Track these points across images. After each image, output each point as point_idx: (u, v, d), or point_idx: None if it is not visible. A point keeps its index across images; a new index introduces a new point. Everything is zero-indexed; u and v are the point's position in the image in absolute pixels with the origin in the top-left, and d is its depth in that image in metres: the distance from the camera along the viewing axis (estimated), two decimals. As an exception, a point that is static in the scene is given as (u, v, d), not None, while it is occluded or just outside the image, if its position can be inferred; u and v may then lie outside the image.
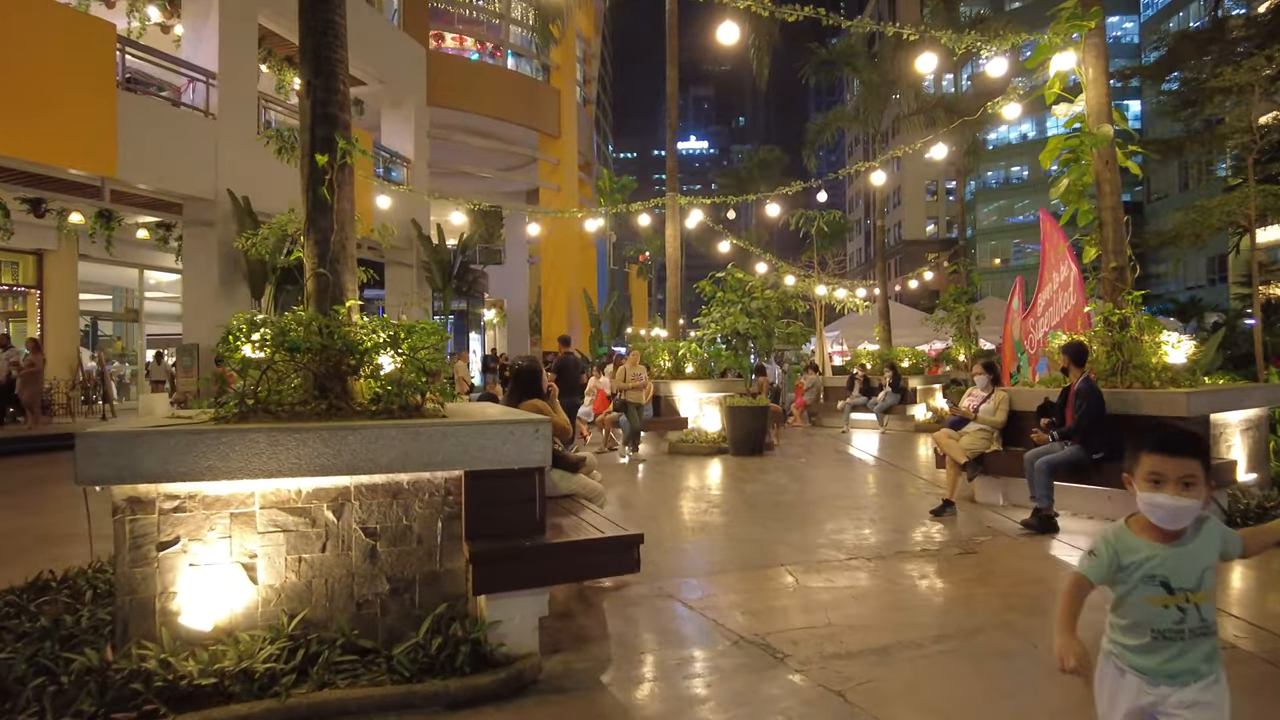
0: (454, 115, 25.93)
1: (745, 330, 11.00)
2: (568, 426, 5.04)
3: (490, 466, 3.59)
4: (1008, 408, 7.13)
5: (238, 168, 15.64)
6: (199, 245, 16.19)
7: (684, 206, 12.87)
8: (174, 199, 15.94)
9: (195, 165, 15.16)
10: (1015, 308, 10.69)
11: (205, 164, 15.49)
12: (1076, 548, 5.74)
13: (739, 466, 10.34)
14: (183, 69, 15.73)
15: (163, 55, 15.44)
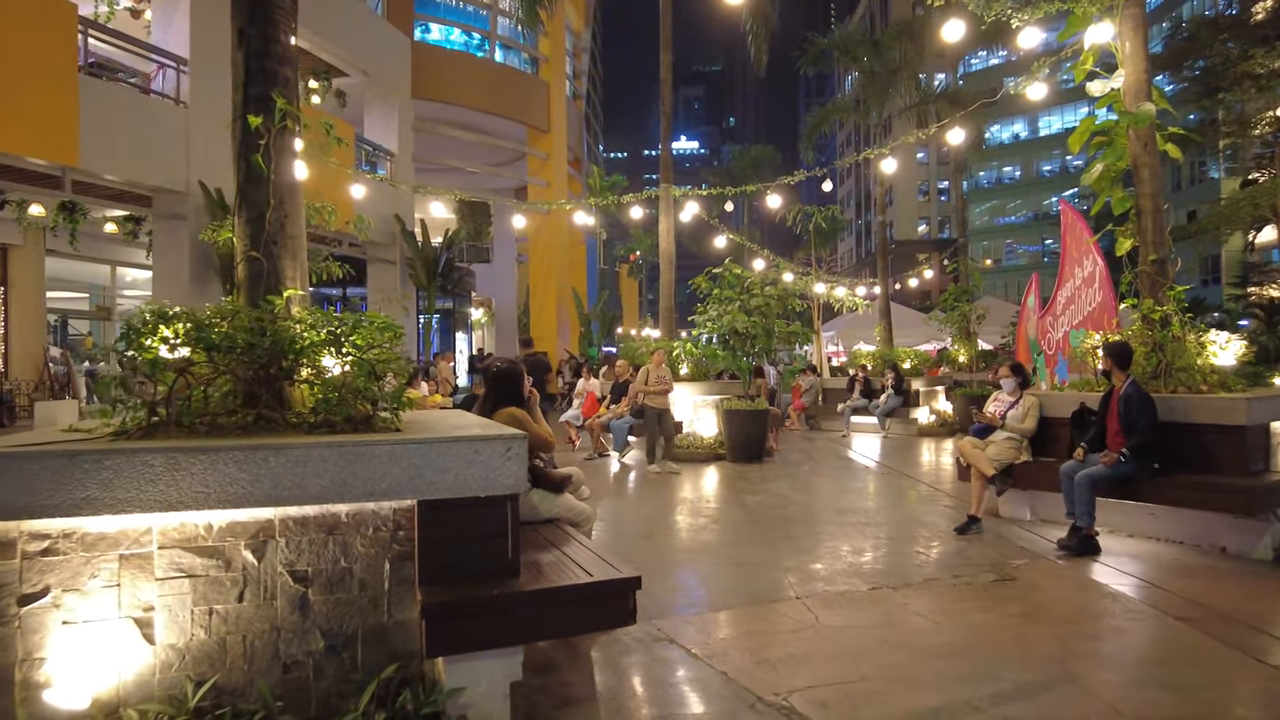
0: (439, 108, 25.16)
1: (744, 329, 10.32)
2: (550, 438, 4.34)
3: (450, 494, 2.90)
4: (1038, 414, 6.48)
5: (211, 158, 14.86)
6: (169, 240, 15.42)
7: (679, 199, 12.21)
8: (143, 191, 15.15)
9: (165, 155, 14.39)
10: (1031, 306, 10.06)
11: (176, 154, 14.72)
12: (1125, 573, 5.09)
13: (738, 475, 9.67)
14: (152, 54, 14.97)
15: (129, 39, 14.67)
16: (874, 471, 10.11)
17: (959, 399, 15.10)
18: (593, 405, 12.12)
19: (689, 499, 8.14)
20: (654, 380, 10.07)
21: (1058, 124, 66.53)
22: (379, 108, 22.86)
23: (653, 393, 10.00)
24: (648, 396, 10.01)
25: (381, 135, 23.11)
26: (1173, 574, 5.03)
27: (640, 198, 12.60)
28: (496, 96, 26.41)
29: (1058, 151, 66.23)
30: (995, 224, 68.37)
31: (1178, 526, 5.72)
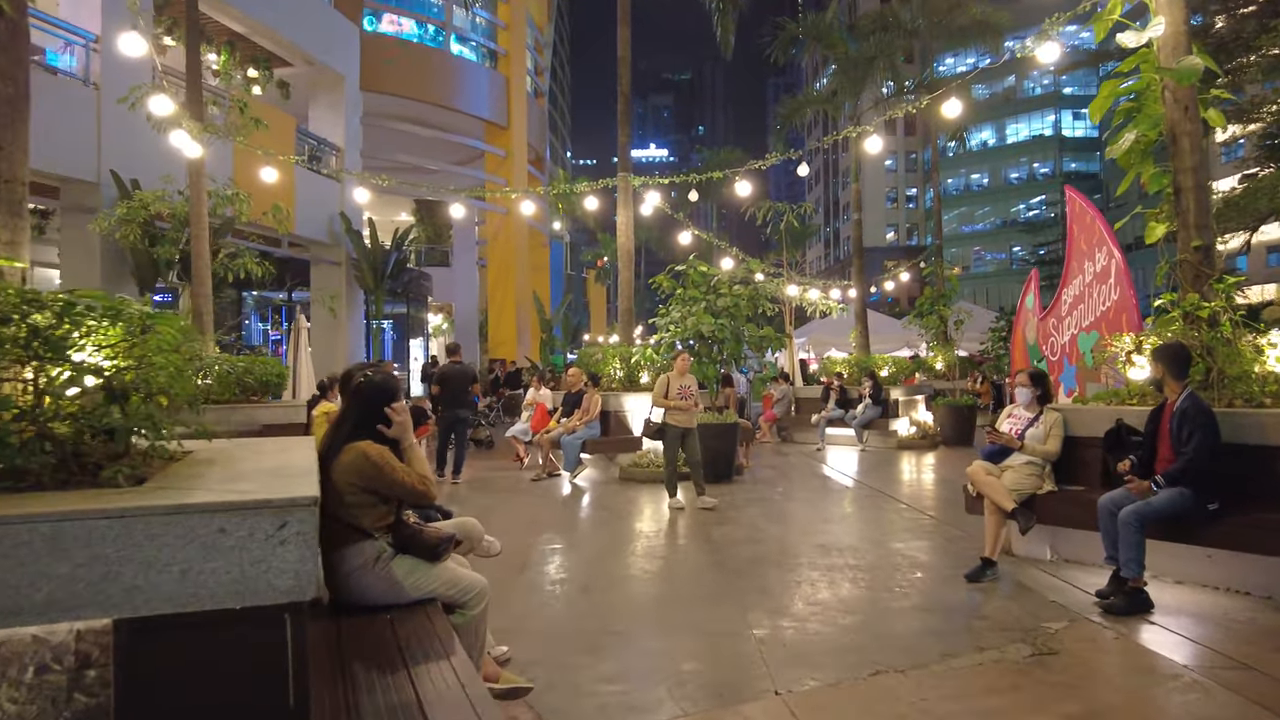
0: (391, 102, 23.81)
1: (710, 333, 9.13)
2: (421, 484, 3.06)
3: (174, 607, 1.64)
4: (1063, 433, 5.34)
5: (125, 145, 13.37)
6: (79, 236, 13.88)
7: (638, 190, 11.02)
8: (48, 181, 13.62)
9: (73, 142, 12.87)
10: (1030, 306, 9.00)
11: (84, 140, 13.20)
12: (1195, 641, 3.96)
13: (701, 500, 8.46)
14: (59, 29, 13.45)
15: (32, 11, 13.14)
16: (856, 493, 8.96)
17: (941, 409, 14.07)
18: (543, 418, 10.84)
19: (644, 532, 6.89)
20: (675, 392, 8.01)
21: (1025, 131, 66.73)
22: (325, 100, 21.42)
23: (674, 408, 7.96)
24: (668, 413, 8.01)
25: (328, 129, 21.64)
26: (1255, 643, 3.91)
27: (594, 187, 11.40)
28: (452, 90, 25.13)
29: (1025, 159, 66.38)
30: (962, 231, 68.24)
31: (1241, 573, 4.60)
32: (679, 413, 7.93)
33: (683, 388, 7.99)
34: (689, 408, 7.99)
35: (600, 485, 9.56)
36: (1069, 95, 64.68)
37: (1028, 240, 59.14)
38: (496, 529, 7.13)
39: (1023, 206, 65.41)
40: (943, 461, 11.83)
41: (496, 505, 8.22)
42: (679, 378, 8.08)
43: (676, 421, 7.94)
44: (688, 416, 8.00)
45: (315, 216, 19.51)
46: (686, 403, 7.96)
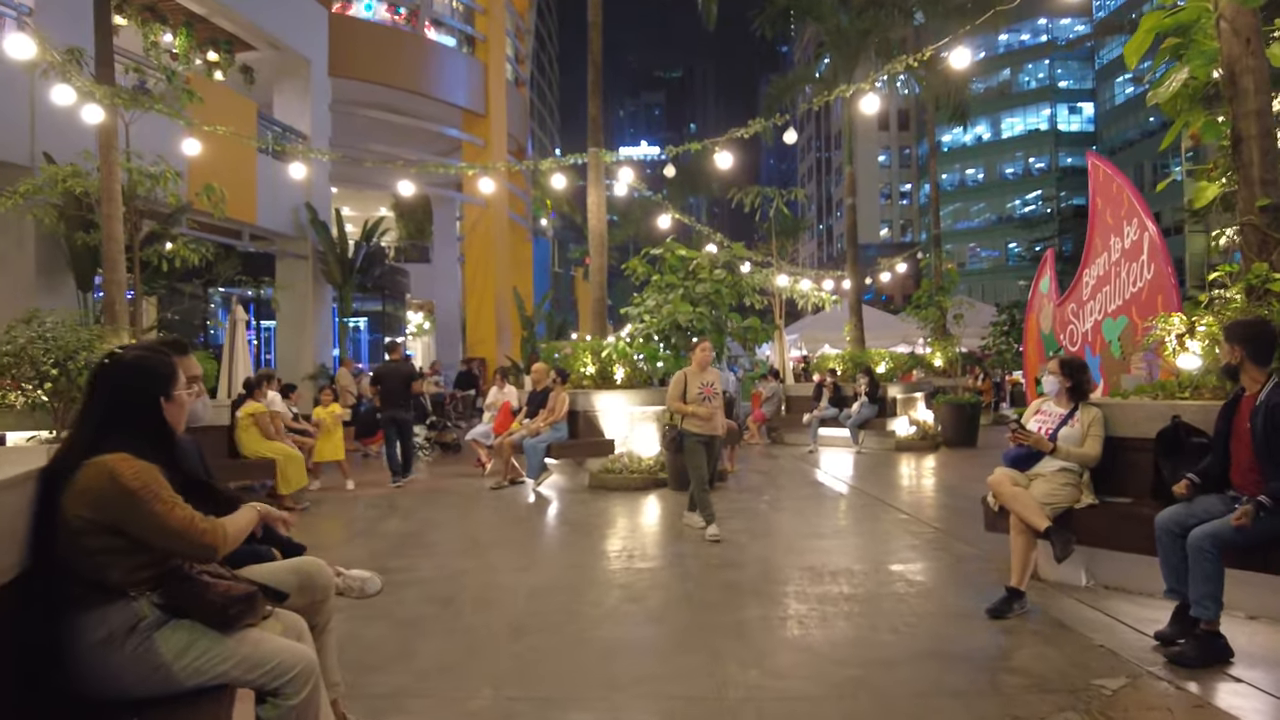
0: (362, 88, 22.76)
1: (688, 323, 8.15)
2: (195, 529, 2.05)
3: None
4: (1103, 432, 4.38)
5: (62, 126, 12.32)
6: (9, 226, 12.81)
7: (610, 166, 10.05)
8: (-27, 165, 12.58)
9: (3, 122, 11.83)
10: (1045, 291, 8.05)
11: (15, 121, 12.14)
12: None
13: (677, 509, 7.47)
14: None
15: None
16: (852, 502, 7.99)
17: (942, 407, 13.12)
18: (506, 419, 9.85)
19: (607, 553, 5.90)
20: (695, 392, 6.54)
21: (1020, 125, 65.99)
22: (290, 85, 20.36)
23: (693, 415, 6.46)
24: (686, 420, 6.55)
25: (294, 116, 20.57)
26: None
27: (560, 164, 10.36)
28: (426, 76, 24.07)
29: (1020, 154, 65.63)
30: (956, 228, 67.41)
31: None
32: (697, 420, 6.47)
33: (705, 386, 6.51)
34: (713, 412, 6.49)
35: (567, 494, 8.57)
36: (1064, 89, 64.01)
37: (1023, 236, 58.48)
38: (434, 550, 6.18)
39: (1018, 202, 64.67)
40: (946, 464, 10.88)
41: (442, 519, 7.23)
42: (699, 373, 6.59)
43: (698, 429, 6.46)
44: (712, 423, 6.52)
45: (279, 207, 18.47)
46: (709, 406, 6.48)
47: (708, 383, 6.53)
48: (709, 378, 6.58)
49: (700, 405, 6.41)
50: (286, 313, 19.87)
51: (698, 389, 6.51)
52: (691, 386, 6.55)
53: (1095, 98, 61.42)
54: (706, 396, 6.46)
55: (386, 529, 6.88)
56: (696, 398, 6.46)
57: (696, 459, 6.46)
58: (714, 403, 6.50)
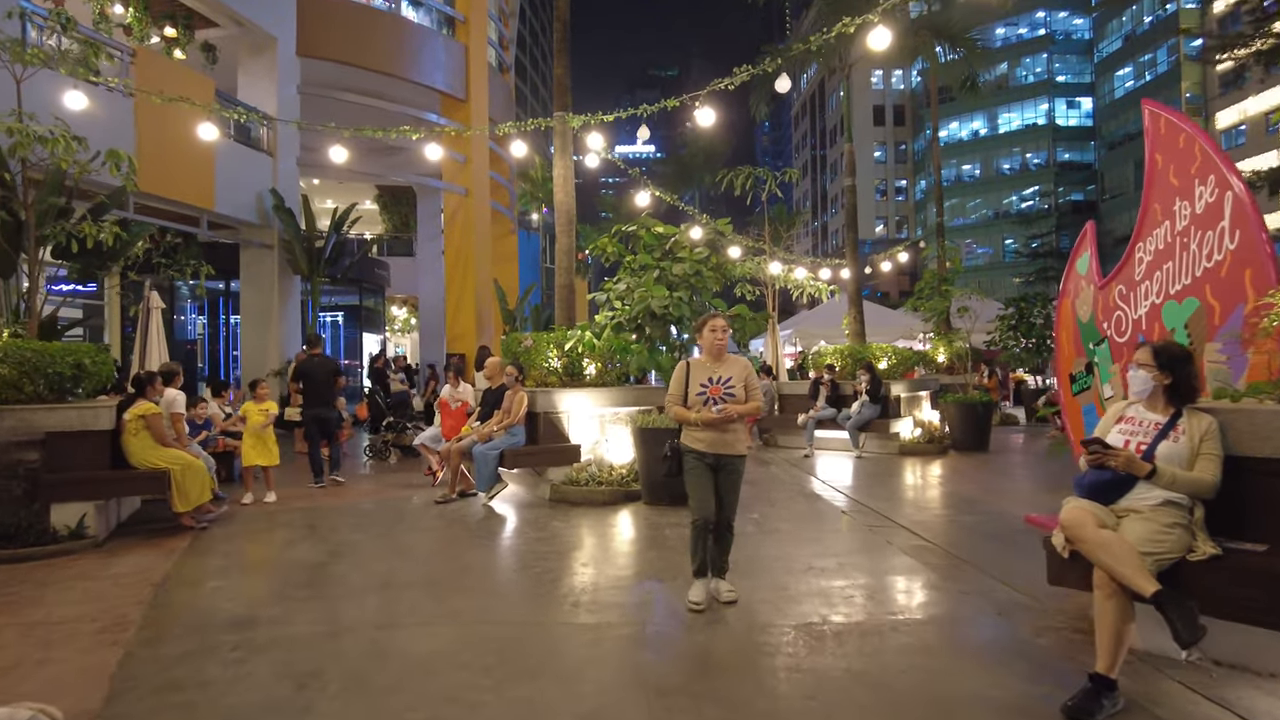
0: (333, 70, 21.42)
1: (663, 310, 6.92)
2: None
3: None
4: (1220, 449, 3.15)
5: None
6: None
7: (578, 131, 8.78)
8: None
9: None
10: (1084, 271, 6.83)
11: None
12: None
13: (653, 531, 6.24)
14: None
15: None
16: (856, 522, 6.75)
17: (951, 407, 11.91)
18: (458, 420, 8.61)
19: (551, 596, 4.65)
20: (697, 391, 4.47)
21: (1017, 120, 64.86)
22: (255, 65, 19.07)
23: (692, 423, 4.45)
24: (687, 430, 4.51)
25: (260, 98, 19.27)
26: None
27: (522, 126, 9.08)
28: (402, 58, 22.75)
29: (1017, 149, 64.50)
30: (953, 224, 66.13)
31: None
32: (708, 429, 4.38)
33: (715, 383, 4.40)
34: (728, 418, 4.34)
35: (522, 509, 7.33)
36: (1062, 84, 62.87)
37: (1021, 232, 57.44)
38: (331, 590, 4.60)
39: (1015, 198, 63.56)
40: (958, 471, 9.68)
41: (363, 544, 5.98)
42: (710, 364, 4.50)
43: (702, 444, 4.39)
44: (727, 435, 4.41)
45: (241, 193, 17.21)
46: (724, 409, 4.33)
47: (721, 378, 4.39)
48: (725, 370, 4.43)
49: (704, 409, 4.36)
50: (251, 306, 18.61)
51: (701, 386, 4.41)
52: (694, 382, 4.46)
53: (1094, 91, 60.32)
54: (713, 398, 4.36)
55: (288, 557, 5.63)
56: (698, 400, 4.40)
57: (696, 486, 4.38)
58: (729, 407, 4.34)
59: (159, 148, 14.40)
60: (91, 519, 6.04)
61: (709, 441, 4.36)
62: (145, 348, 8.81)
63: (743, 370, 4.46)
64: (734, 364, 4.49)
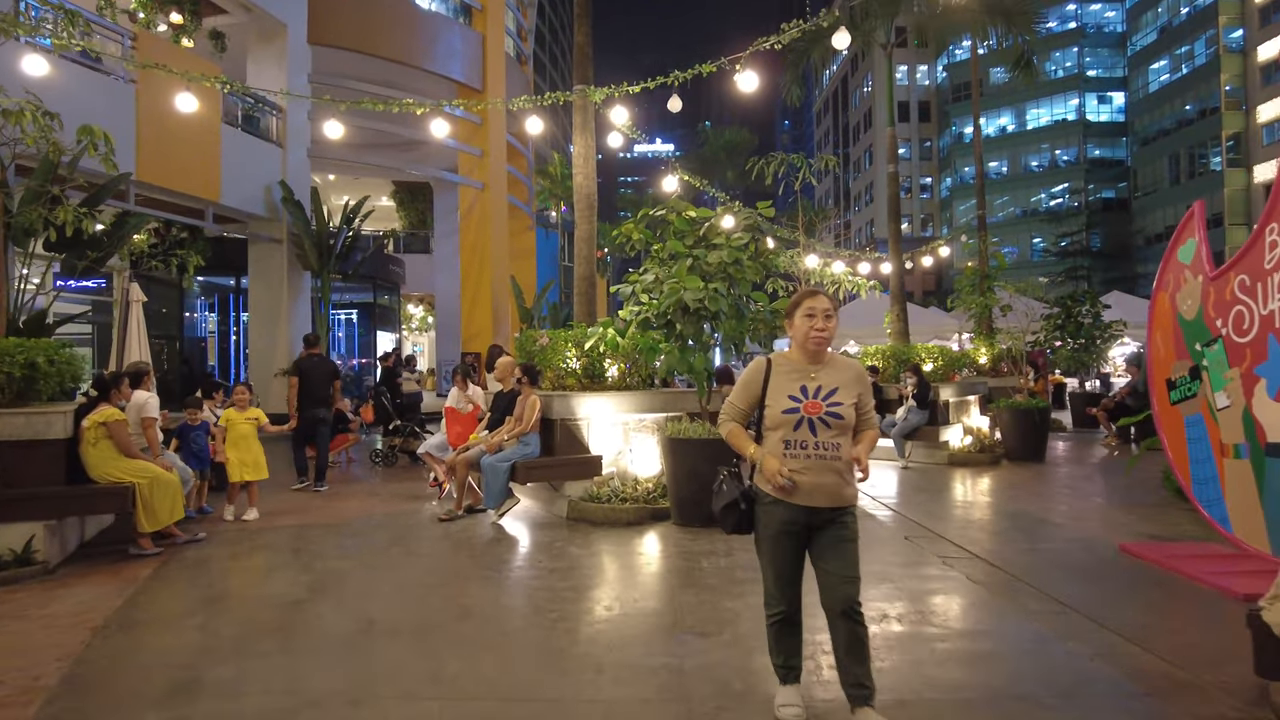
0: (346, 58, 20.76)
1: (697, 304, 6.04)
2: None
3: None
4: None
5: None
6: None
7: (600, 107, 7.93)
8: None
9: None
10: (1188, 261, 5.88)
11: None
12: None
13: (687, 562, 5.35)
14: None
15: None
16: (913, 550, 5.82)
17: (1004, 413, 10.92)
18: (467, 426, 7.77)
19: (566, 653, 3.78)
20: (783, 409, 2.85)
21: (1046, 116, 63.33)
22: (265, 53, 18.39)
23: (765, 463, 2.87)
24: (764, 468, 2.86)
25: (269, 86, 18.55)
26: None
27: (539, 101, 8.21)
28: (417, 46, 22.00)
29: (1046, 145, 62.98)
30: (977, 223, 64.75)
31: None
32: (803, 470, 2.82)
33: (818, 394, 2.85)
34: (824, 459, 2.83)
35: (536, 530, 6.47)
36: (1093, 78, 61.24)
37: (1050, 230, 56.05)
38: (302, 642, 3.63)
39: (1044, 195, 62.03)
40: (1017, 485, 8.72)
41: (349, 576, 5.13)
42: (806, 364, 2.93)
43: (787, 494, 2.83)
44: (832, 476, 2.83)
45: (249, 185, 16.52)
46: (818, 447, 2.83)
47: (822, 389, 2.85)
48: (828, 377, 2.88)
49: (788, 436, 2.82)
50: (260, 302, 17.95)
51: (791, 400, 2.85)
52: (777, 391, 2.90)
53: (1126, 86, 58.69)
54: (808, 417, 2.81)
55: (260, 593, 4.81)
56: (785, 420, 2.84)
57: (774, 556, 2.91)
58: (831, 438, 2.82)
59: (161, 136, 13.72)
60: (41, 541, 5.25)
61: (803, 487, 2.79)
62: (124, 344, 8.04)
63: (855, 379, 2.91)
64: (841, 367, 2.93)
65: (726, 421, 3.05)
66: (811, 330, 2.87)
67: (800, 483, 2.80)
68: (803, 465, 2.81)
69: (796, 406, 2.84)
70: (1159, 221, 50.54)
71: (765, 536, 2.93)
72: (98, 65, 12.96)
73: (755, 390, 2.96)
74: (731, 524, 3.02)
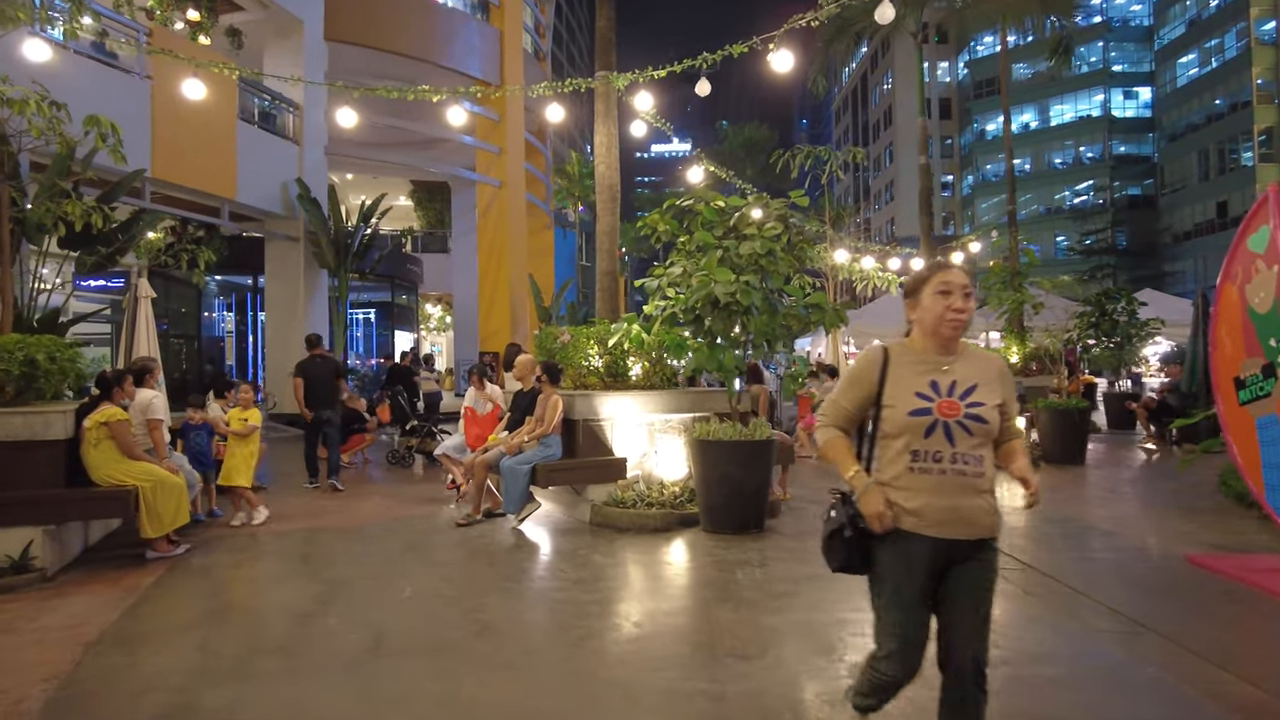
0: (362, 55, 20.57)
1: (728, 298, 5.70)
2: None
3: None
4: None
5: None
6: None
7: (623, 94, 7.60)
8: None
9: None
10: (1261, 250, 5.45)
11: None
12: None
13: (720, 572, 5.01)
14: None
15: None
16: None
17: (1043, 414, 10.49)
18: (487, 427, 7.47)
19: (600, 679, 3.46)
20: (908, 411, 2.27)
21: (1070, 112, 62.33)
22: (281, 49, 18.23)
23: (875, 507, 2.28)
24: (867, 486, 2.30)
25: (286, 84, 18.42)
26: None
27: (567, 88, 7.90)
28: (434, 42, 21.78)
29: (1070, 142, 61.97)
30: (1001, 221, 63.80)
31: None
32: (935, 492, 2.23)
33: (954, 392, 2.26)
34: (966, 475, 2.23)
35: (557, 537, 6.15)
36: (1119, 73, 60.18)
37: (1074, 228, 55.07)
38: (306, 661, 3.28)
39: (1068, 193, 61.01)
40: (1060, 488, 8.29)
41: (358, 585, 4.83)
42: (936, 355, 2.33)
43: (917, 518, 2.24)
44: (971, 499, 2.23)
45: (265, 182, 16.35)
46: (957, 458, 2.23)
47: (959, 385, 2.27)
48: (966, 371, 2.31)
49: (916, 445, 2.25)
50: (277, 301, 17.79)
51: (920, 399, 2.27)
52: (900, 387, 2.31)
53: (1154, 80, 57.62)
54: (943, 420, 2.23)
55: (266, 603, 4.53)
56: (913, 424, 2.26)
57: (896, 598, 2.30)
58: (972, 448, 2.24)
59: (176, 133, 13.56)
60: (40, 547, 4.99)
61: (934, 512, 2.22)
62: (133, 341, 7.80)
63: (998, 375, 2.33)
64: (980, 361, 2.36)
65: (825, 427, 2.43)
66: (948, 311, 2.27)
67: (927, 503, 2.21)
68: (935, 484, 2.20)
69: (928, 407, 2.23)
70: (1187, 219, 49.53)
71: (885, 579, 2.31)
72: (114, 61, 12.81)
73: (869, 387, 2.34)
74: (839, 560, 2.38)
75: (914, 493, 2.23)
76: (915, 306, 2.38)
